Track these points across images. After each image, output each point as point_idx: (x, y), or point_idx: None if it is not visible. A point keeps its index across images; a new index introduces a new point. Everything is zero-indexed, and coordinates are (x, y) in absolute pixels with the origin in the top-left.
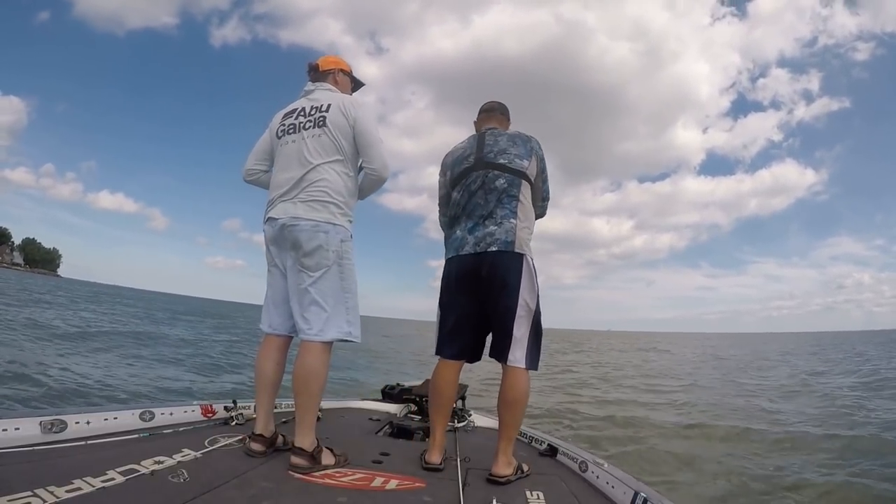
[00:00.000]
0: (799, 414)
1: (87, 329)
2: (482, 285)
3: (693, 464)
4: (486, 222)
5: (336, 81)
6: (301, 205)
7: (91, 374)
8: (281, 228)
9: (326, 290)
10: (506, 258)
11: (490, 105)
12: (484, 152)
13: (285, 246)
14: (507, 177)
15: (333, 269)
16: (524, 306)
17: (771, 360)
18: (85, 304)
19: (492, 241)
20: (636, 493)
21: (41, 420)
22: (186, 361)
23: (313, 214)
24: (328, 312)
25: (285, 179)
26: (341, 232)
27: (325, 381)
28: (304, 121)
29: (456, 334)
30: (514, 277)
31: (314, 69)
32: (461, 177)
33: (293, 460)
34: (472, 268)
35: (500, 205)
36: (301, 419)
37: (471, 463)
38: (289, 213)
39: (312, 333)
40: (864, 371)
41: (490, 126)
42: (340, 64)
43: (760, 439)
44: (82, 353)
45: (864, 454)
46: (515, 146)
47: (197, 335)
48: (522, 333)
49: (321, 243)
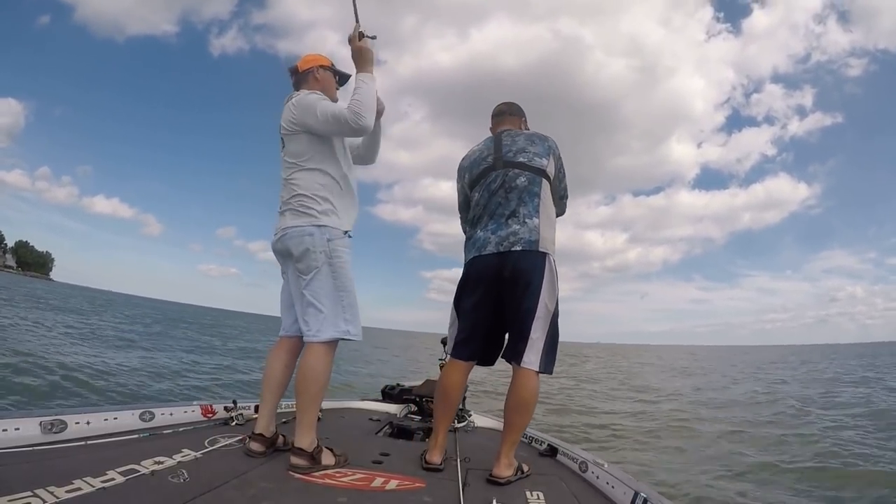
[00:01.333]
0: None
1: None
2: (504, 286)
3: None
4: (510, 221)
5: (316, 80)
6: (287, 214)
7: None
8: (276, 242)
9: (319, 291)
10: (530, 258)
11: (500, 108)
12: (503, 152)
13: (285, 255)
14: (527, 175)
15: (324, 270)
16: (543, 308)
17: (737, 374)
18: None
19: (515, 240)
20: (636, 494)
21: (41, 420)
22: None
23: (297, 221)
24: (324, 313)
25: (281, 194)
26: (327, 232)
27: (327, 381)
28: (281, 135)
29: (471, 335)
30: (538, 278)
31: (294, 72)
32: (480, 177)
33: (292, 460)
34: (495, 268)
35: (522, 203)
36: (301, 419)
37: (471, 463)
38: (280, 225)
39: (311, 334)
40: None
41: (505, 128)
42: (319, 60)
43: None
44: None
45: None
46: (534, 145)
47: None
48: (539, 336)
49: (308, 246)
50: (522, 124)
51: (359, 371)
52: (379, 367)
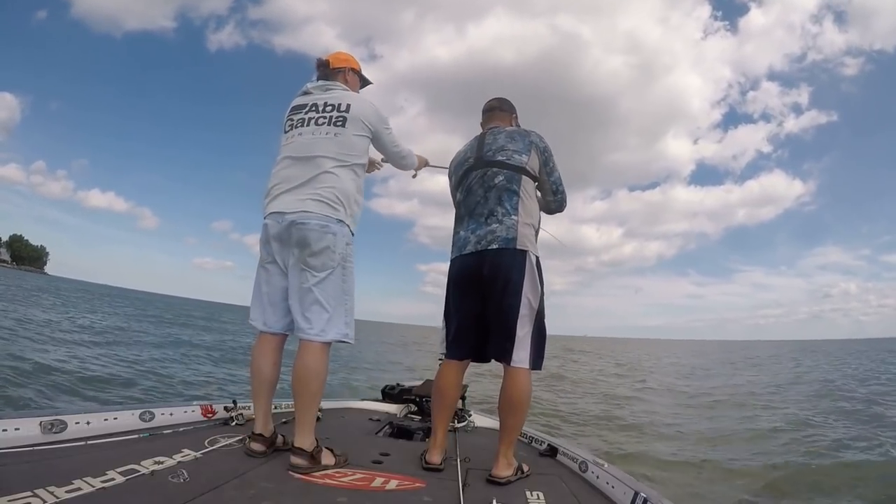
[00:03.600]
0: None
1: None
2: (485, 285)
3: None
4: (489, 220)
5: (346, 80)
6: (311, 202)
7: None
8: (289, 225)
9: (329, 291)
10: (507, 256)
11: (490, 104)
12: (483, 151)
13: (290, 243)
14: (505, 173)
15: (337, 271)
16: (527, 305)
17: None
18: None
19: (492, 238)
20: (636, 494)
21: (41, 420)
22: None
23: (325, 210)
24: (329, 313)
25: (293, 174)
26: (347, 235)
27: (325, 380)
28: (318, 116)
29: (462, 335)
30: (517, 275)
31: (324, 65)
32: (463, 178)
33: (293, 460)
34: (475, 267)
35: (500, 202)
36: (301, 419)
37: (471, 463)
38: (298, 207)
39: (314, 333)
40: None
41: (493, 125)
42: (351, 62)
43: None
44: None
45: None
46: (514, 142)
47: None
48: (525, 333)
49: (329, 244)
50: (513, 121)
51: (359, 367)
52: (383, 365)
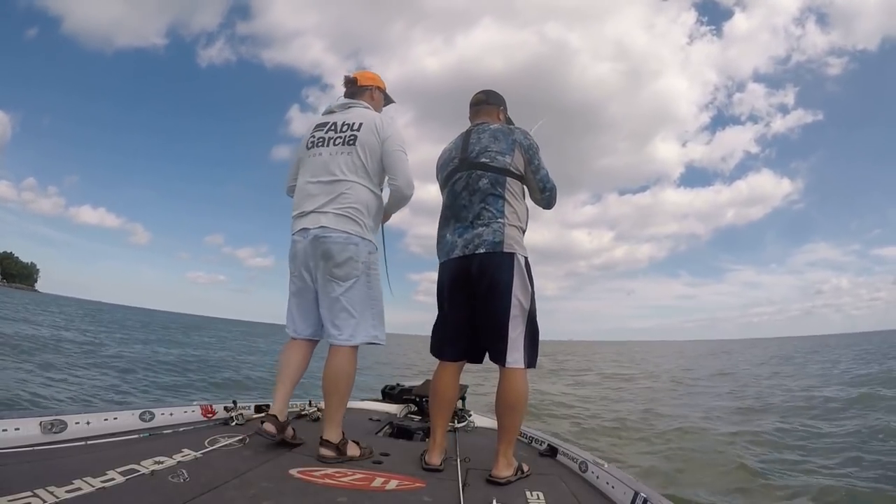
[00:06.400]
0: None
1: None
2: (474, 287)
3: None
4: (475, 224)
5: (372, 98)
6: (333, 217)
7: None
8: (314, 240)
9: (355, 299)
10: (495, 259)
11: (477, 97)
12: (468, 152)
13: (315, 256)
14: (490, 176)
15: (362, 279)
16: (518, 306)
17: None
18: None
19: (479, 242)
20: (636, 494)
21: (41, 420)
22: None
23: (346, 226)
24: (357, 318)
25: (315, 191)
26: (369, 245)
27: (353, 380)
28: (335, 136)
29: (454, 337)
30: (506, 277)
31: (352, 83)
32: (448, 178)
33: (321, 451)
34: (463, 270)
35: (486, 206)
36: (329, 415)
37: (471, 463)
38: (321, 223)
39: (343, 339)
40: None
41: (480, 121)
42: (377, 81)
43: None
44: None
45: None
46: (497, 142)
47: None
48: (518, 334)
49: (352, 255)
50: (501, 114)
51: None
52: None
